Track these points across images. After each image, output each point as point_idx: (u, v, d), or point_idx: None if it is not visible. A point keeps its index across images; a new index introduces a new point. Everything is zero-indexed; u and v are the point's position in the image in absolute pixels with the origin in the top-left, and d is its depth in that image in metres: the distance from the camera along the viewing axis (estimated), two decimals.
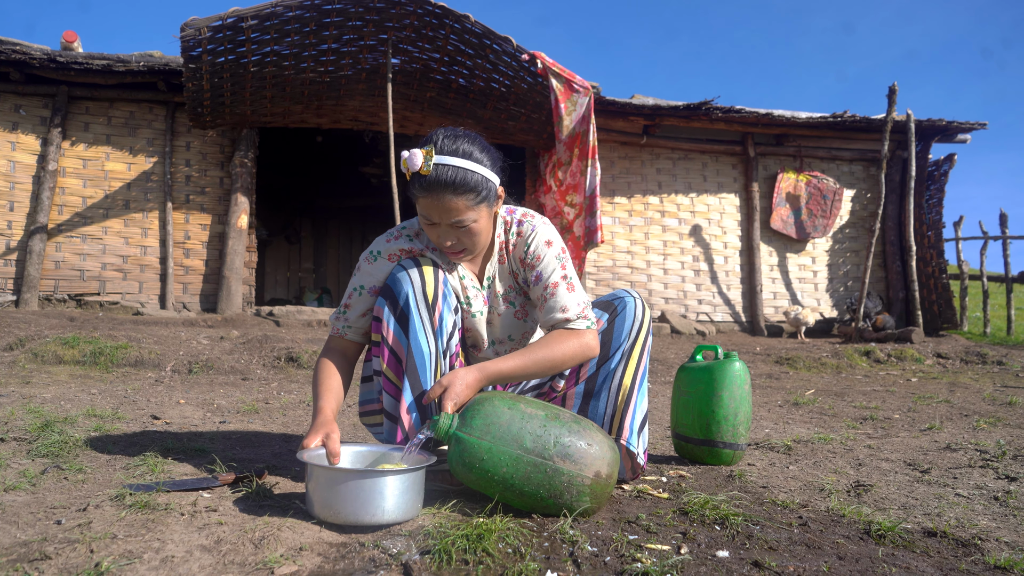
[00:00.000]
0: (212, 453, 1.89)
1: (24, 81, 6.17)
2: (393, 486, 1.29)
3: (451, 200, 1.49)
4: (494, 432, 1.37)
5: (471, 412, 1.41)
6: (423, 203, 1.52)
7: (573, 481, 1.36)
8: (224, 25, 5.03)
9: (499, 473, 1.36)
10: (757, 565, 1.18)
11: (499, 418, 1.39)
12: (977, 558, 1.28)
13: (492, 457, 1.36)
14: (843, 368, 5.26)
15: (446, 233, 1.55)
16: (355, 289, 1.67)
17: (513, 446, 1.37)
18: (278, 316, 6.15)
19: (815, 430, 2.73)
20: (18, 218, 6.12)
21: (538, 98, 6.12)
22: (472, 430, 1.38)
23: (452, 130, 1.54)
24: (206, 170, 6.58)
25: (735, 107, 7.20)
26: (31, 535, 1.19)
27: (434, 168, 1.47)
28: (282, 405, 3.07)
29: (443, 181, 1.47)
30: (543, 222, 1.70)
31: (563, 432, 1.39)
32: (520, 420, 1.39)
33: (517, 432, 1.38)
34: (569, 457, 1.37)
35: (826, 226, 7.86)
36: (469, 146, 1.51)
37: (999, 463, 2.13)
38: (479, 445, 1.37)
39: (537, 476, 1.36)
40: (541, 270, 1.64)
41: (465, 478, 1.40)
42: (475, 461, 1.37)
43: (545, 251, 1.65)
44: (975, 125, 7.84)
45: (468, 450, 1.37)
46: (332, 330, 1.70)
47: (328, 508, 1.29)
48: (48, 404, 2.65)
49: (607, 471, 1.39)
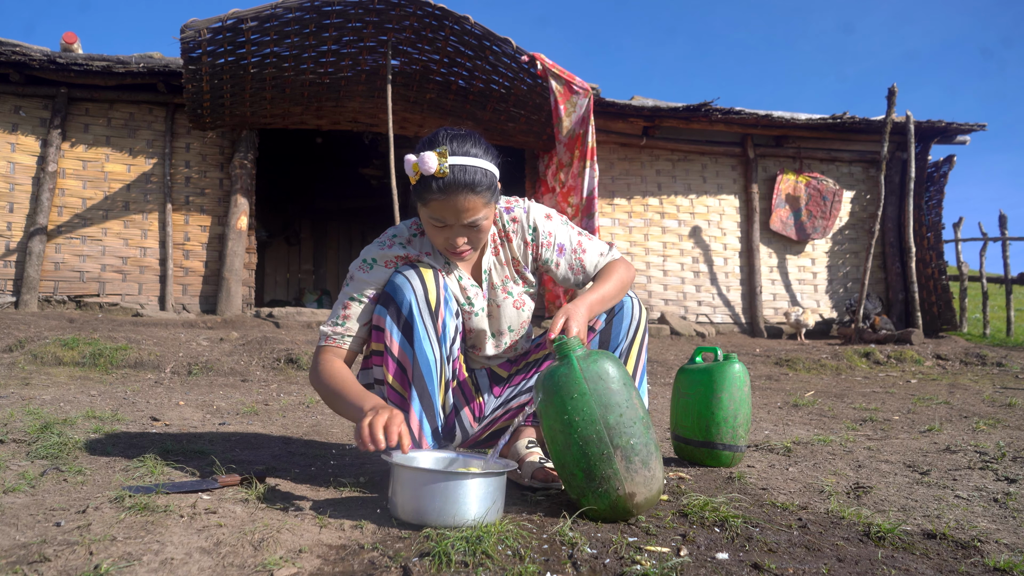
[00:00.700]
0: (211, 455, 1.89)
1: (24, 82, 6.17)
2: (478, 488, 1.30)
3: (469, 200, 1.48)
4: (599, 386, 1.38)
5: (595, 356, 1.42)
6: (437, 205, 1.49)
7: (611, 480, 1.35)
8: (224, 27, 5.03)
9: (571, 416, 1.36)
10: (757, 567, 1.18)
11: (611, 382, 1.39)
12: (977, 560, 1.28)
13: (579, 401, 1.36)
14: (843, 370, 5.26)
15: (458, 234, 1.54)
16: (351, 298, 1.61)
17: (600, 409, 1.36)
18: (278, 317, 6.15)
19: (815, 432, 2.73)
20: (18, 219, 6.12)
21: (538, 99, 6.13)
22: (586, 368, 1.39)
23: (454, 130, 1.54)
24: (206, 171, 6.59)
25: (734, 108, 7.21)
26: (30, 537, 1.19)
27: (450, 169, 1.46)
28: (282, 407, 3.07)
29: (461, 182, 1.46)
30: (532, 203, 1.74)
31: (642, 440, 1.38)
32: (622, 398, 1.39)
33: (613, 404, 1.37)
34: (628, 461, 1.35)
35: (826, 227, 7.86)
36: (475, 145, 1.52)
37: (999, 465, 2.13)
38: (580, 383, 1.37)
39: (592, 448, 1.35)
40: (561, 242, 1.72)
41: (544, 396, 1.41)
42: (565, 390, 1.37)
43: (551, 225, 1.72)
44: (974, 126, 7.85)
45: (570, 378, 1.38)
46: (324, 340, 1.61)
47: (417, 510, 1.30)
48: (47, 406, 2.64)
49: (640, 501, 1.37)
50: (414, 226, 1.71)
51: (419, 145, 1.52)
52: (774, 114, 7.42)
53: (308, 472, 1.79)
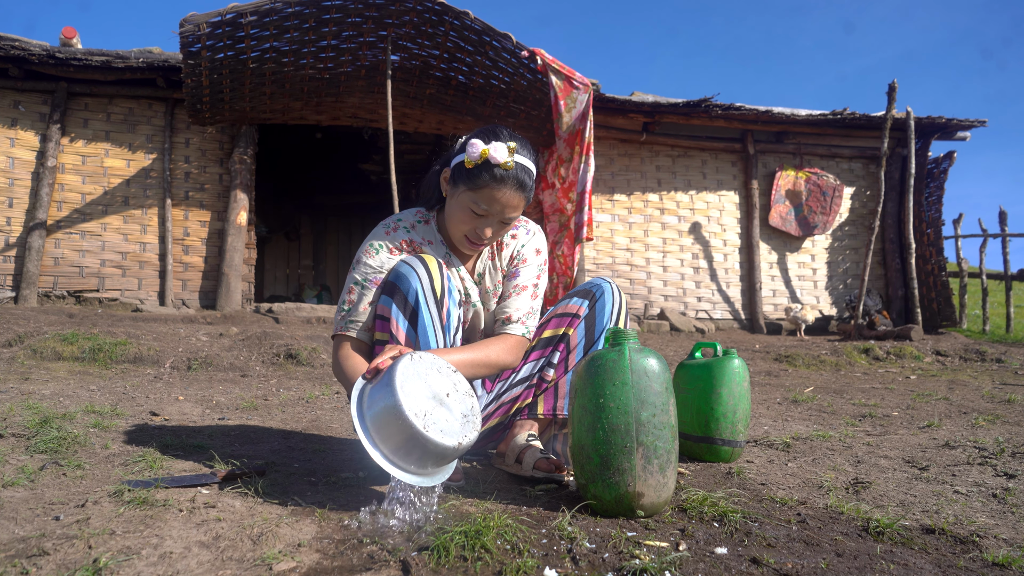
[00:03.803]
0: (211, 449, 1.89)
1: (23, 77, 6.16)
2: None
3: (516, 196, 1.58)
4: (641, 381, 1.38)
5: (647, 353, 1.42)
6: (488, 193, 1.56)
7: (625, 474, 1.35)
8: (223, 21, 5.02)
9: (605, 401, 1.37)
10: (755, 562, 1.18)
11: (652, 381, 1.39)
12: (975, 555, 1.28)
13: (619, 390, 1.37)
14: (842, 365, 5.26)
15: (490, 224, 1.61)
16: (356, 283, 1.64)
17: (635, 403, 1.37)
18: (277, 313, 6.14)
19: (814, 427, 2.73)
20: (17, 214, 6.12)
21: (537, 95, 6.12)
22: (634, 360, 1.39)
23: (513, 132, 1.62)
24: (205, 167, 6.58)
25: (735, 104, 7.20)
26: (29, 531, 1.19)
27: (515, 164, 1.55)
28: (281, 402, 3.07)
29: (518, 178, 1.56)
30: (537, 230, 1.82)
31: (666, 447, 1.38)
32: (659, 399, 1.39)
33: (649, 402, 1.38)
34: (647, 460, 1.36)
35: (826, 223, 7.86)
36: (531, 153, 1.63)
37: (998, 460, 2.13)
38: (625, 373, 1.38)
39: (616, 438, 1.36)
40: (522, 272, 1.76)
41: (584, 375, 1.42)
42: (609, 375, 1.38)
43: (533, 257, 1.78)
44: (975, 123, 7.84)
45: (618, 365, 1.38)
46: (337, 329, 1.65)
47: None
48: (47, 400, 2.64)
49: (646, 503, 1.37)
50: (419, 214, 1.75)
51: (476, 134, 1.58)
52: (774, 110, 7.41)
53: (307, 467, 1.79)
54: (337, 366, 1.62)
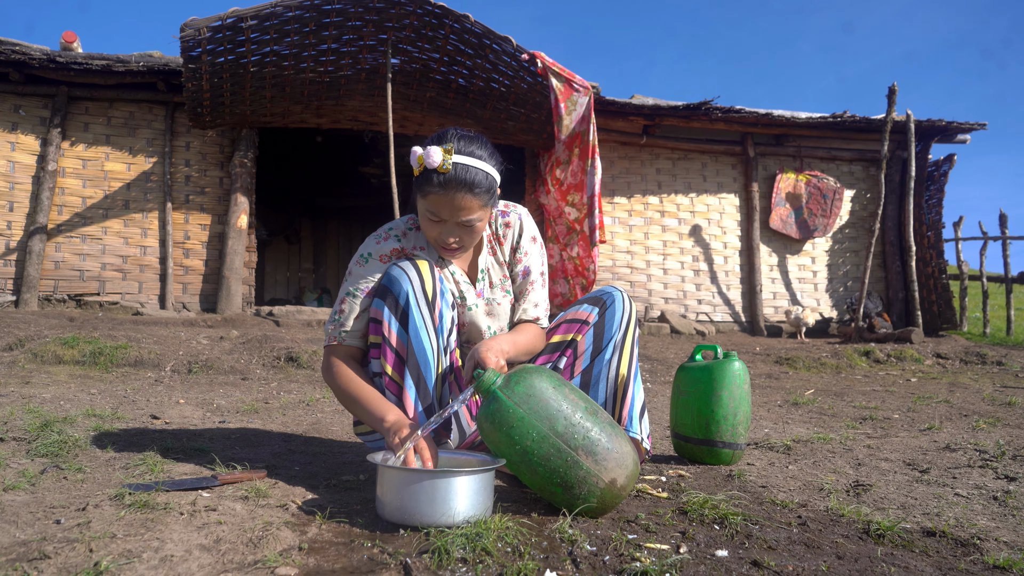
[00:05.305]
0: (212, 453, 1.89)
1: (23, 81, 6.17)
2: (464, 486, 1.29)
3: (465, 199, 1.53)
4: (532, 404, 1.37)
5: (517, 378, 1.41)
6: (434, 199, 1.54)
7: (588, 479, 1.36)
8: (224, 25, 5.03)
9: (522, 444, 1.36)
10: (756, 564, 1.18)
11: (542, 393, 1.39)
12: (976, 558, 1.28)
13: (522, 426, 1.36)
14: (843, 368, 5.26)
15: (450, 231, 1.58)
16: (348, 293, 1.65)
17: (545, 424, 1.36)
18: (278, 316, 6.15)
19: (814, 430, 2.73)
20: (18, 218, 6.12)
21: (538, 98, 6.12)
22: (513, 394, 1.38)
23: (464, 131, 1.59)
24: (206, 170, 6.58)
25: (735, 107, 7.20)
26: (30, 534, 1.19)
27: (452, 166, 1.51)
28: (282, 405, 3.07)
29: (461, 180, 1.51)
30: (525, 213, 1.81)
31: (596, 429, 1.38)
32: (560, 402, 1.39)
33: (554, 412, 1.38)
34: (593, 455, 1.36)
35: (826, 225, 7.86)
36: (481, 148, 1.57)
37: (998, 463, 2.13)
38: (514, 411, 1.37)
39: (556, 461, 1.36)
40: (529, 265, 1.78)
41: (489, 436, 1.41)
42: (504, 424, 1.37)
43: (531, 247, 1.79)
44: (975, 125, 7.84)
45: (502, 411, 1.37)
46: (329, 339, 1.66)
47: (401, 511, 1.29)
48: (47, 404, 2.65)
49: (623, 482, 1.38)
50: (411, 221, 1.75)
51: (428, 140, 1.56)
52: (774, 113, 7.41)
53: (308, 470, 1.79)
54: (329, 374, 1.64)
